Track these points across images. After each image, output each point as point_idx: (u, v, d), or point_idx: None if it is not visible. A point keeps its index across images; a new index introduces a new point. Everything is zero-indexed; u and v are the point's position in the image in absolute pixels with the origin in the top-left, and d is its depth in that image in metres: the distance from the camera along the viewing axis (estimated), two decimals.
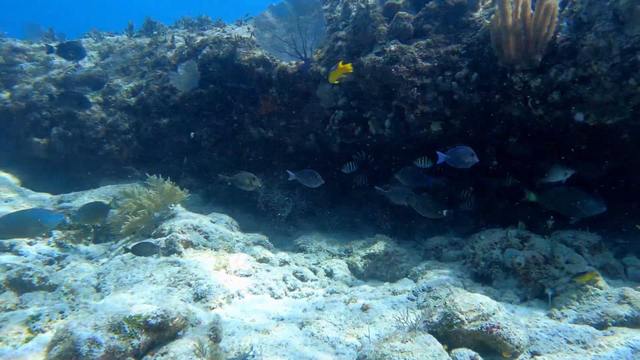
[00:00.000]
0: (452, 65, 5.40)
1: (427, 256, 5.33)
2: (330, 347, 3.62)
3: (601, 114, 4.96)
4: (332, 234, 6.44)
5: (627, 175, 6.41)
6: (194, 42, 6.61)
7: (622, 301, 4.00)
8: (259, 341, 3.50)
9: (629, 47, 4.30)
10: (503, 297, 4.50)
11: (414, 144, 5.94)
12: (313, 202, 6.99)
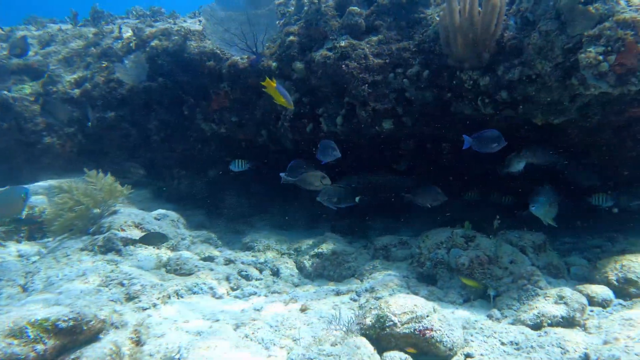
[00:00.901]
0: (404, 62, 5.33)
1: (376, 256, 5.27)
2: (264, 349, 3.52)
3: (548, 113, 4.95)
4: (285, 233, 6.35)
5: (579, 175, 6.47)
6: (143, 33, 6.43)
7: (559, 301, 4.00)
8: (189, 343, 3.38)
9: (571, 46, 4.29)
10: (446, 297, 4.46)
11: (368, 141, 5.88)
12: (268, 200, 6.89)
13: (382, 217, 6.59)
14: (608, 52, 4.13)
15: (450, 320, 3.52)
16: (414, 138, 5.91)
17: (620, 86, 4.29)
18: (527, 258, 4.74)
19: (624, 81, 4.26)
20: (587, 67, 4.16)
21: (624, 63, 4.16)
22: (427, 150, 6.11)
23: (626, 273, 4.48)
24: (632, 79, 4.25)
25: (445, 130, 5.82)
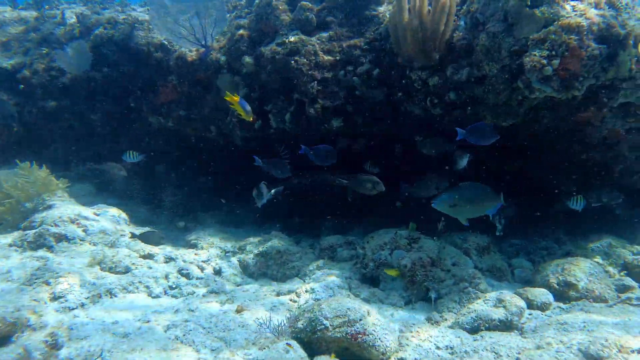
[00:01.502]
0: (355, 60, 5.25)
1: (322, 256, 5.18)
2: (194, 351, 3.40)
3: (496, 115, 4.94)
4: (234, 230, 6.22)
5: (530, 177, 6.51)
6: (88, 20, 6.17)
7: (499, 305, 3.98)
8: (113, 346, 3.24)
9: (517, 48, 4.27)
10: (388, 299, 4.41)
11: (318, 139, 5.77)
12: (219, 196, 6.74)
13: (335, 216, 6.50)
14: (552, 57, 4.13)
15: (384, 323, 3.46)
16: (365, 137, 5.84)
17: (565, 91, 4.30)
18: (470, 260, 4.73)
19: (568, 86, 4.27)
20: (532, 71, 4.15)
21: (568, 68, 4.17)
22: (379, 150, 6.06)
23: (566, 276, 4.50)
24: (576, 84, 4.27)
25: (396, 130, 5.78)
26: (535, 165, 6.13)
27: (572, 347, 3.29)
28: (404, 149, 6.03)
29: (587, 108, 4.95)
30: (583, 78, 4.25)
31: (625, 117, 5.03)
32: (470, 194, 4.13)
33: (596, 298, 4.43)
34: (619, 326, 3.61)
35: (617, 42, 4.16)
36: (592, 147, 5.62)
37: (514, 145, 5.77)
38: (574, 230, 6.71)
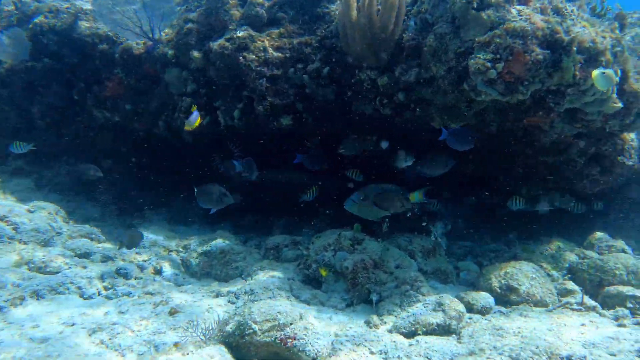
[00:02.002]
0: (305, 57, 5.19)
1: (267, 256, 5.11)
2: (119, 356, 3.28)
3: (445, 117, 4.94)
4: (182, 229, 6.10)
5: (484, 180, 6.56)
6: (27, 8, 5.95)
7: (438, 308, 3.97)
8: (27, 353, 3.09)
9: (462, 50, 4.27)
10: (329, 301, 4.36)
11: (268, 137, 5.70)
12: (171, 193, 6.60)
13: (287, 214, 6.43)
14: (497, 60, 4.13)
15: (317, 327, 3.40)
16: (317, 136, 5.78)
17: (510, 94, 4.31)
18: (415, 263, 4.72)
19: (512, 90, 4.29)
20: (476, 73, 4.14)
21: (512, 72, 4.18)
22: (331, 149, 6.01)
23: (509, 280, 4.53)
24: (521, 88, 4.28)
25: (348, 130, 5.74)
26: (488, 169, 6.18)
27: (503, 354, 3.29)
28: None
29: (536, 112, 4.99)
30: (528, 82, 4.27)
31: (573, 122, 5.09)
32: (378, 194, 4.21)
33: (537, 302, 4.47)
34: (553, 332, 3.63)
35: (561, 48, 4.19)
36: (543, 152, 5.68)
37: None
38: (526, 233, 6.82)
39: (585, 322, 3.92)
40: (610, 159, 6.18)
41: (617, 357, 3.24)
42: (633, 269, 4.99)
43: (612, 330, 3.67)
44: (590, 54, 4.37)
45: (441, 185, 6.35)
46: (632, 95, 4.94)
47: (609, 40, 4.51)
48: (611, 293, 4.54)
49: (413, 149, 5.82)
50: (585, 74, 4.41)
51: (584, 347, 3.37)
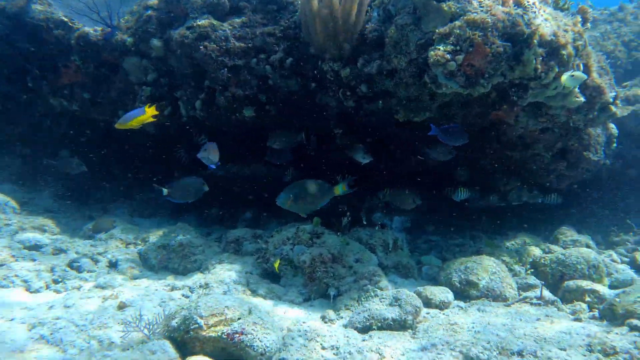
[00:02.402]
0: (268, 48, 5.11)
1: (227, 249, 5.04)
2: (60, 352, 3.20)
3: (409, 110, 4.91)
4: (143, 221, 5.99)
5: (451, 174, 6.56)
6: None
7: (394, 303, 3.94)
8: None
9: (423, 42, 4.23)
10: (286, 295, 4.31)
11: (232, 129, 5.62)
12: (135, 185, 6.49)
13: (254, 208, 6.36)
14: (457, 52, 4.10)
15: (268, 322, 3.35)
16: (281, 128, 5.71)
17: (471, 87, 4.29)
18: (375, 257, 4.69)
19: (473, 82, 4.26)
20: (436, 65, 4.11)
21: (473, 64, 4.15)
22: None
23: (469, 275, 4.52)
24: (481, 81, 4.26)
25: (313, 122, 5.68)
26: (457, 163, 6.17)
27: (455, 349, 3.28)
28: (322, 141, 5.94)
29: (501, 106, 4.98)
30: (489, 75, 4.25)
31: (537, 117, 5.10)
32: (305, 189, 4.24)
33: (497, 297, 4.47)
34: (506, 327, 3.62)
35: (522, 40, 4.17)
36: (510, 146, 5.69)
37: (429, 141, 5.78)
38: (496, 227, 6.84)
39: (541, 317, 3.93)
40: (577, 154, 6.22)
41: (568, 351, 3.25)
42: (594, 263, 5.02)
43: (566, 325, 3.68)
44: (552, 47, 4.37)
45: (407, 181, 6.37)
46: (595, 89, 4.96)
47: (571, 34, 4.51)
48: (571, 287, 4.56)
49: (379, 142, 5.84)
50: (547, 67, 4.41)
51: (536, 342, 3.37)
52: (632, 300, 3.78)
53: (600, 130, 6.42)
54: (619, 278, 5.34)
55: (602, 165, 6.54)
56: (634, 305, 3.73)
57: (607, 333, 3.48)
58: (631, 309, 3.72)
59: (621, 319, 3.75)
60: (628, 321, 3.61)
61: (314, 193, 4.21)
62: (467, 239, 6.21)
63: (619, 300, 3.89)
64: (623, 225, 6.88)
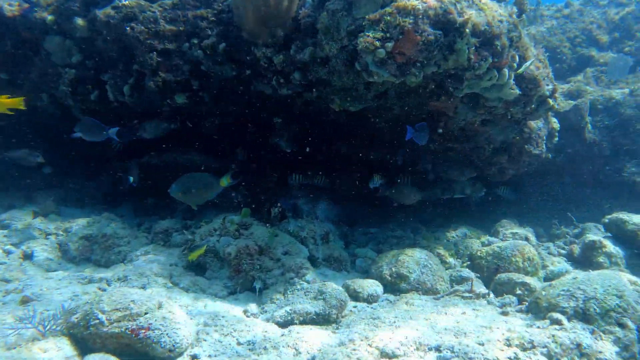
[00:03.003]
0: (201, 32, 4.93)
1: (155, 240, 4.87)
2: None
3: (344, 99, 4.82)
4: (69, 211, 5.73)
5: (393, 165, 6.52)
6: None
7: (319, 297, 3.87)
8: None
9: (353, 28, 4.13)
10: (210, 288, 4.19)
11: (164, 115, 5.43)
12: (66, 173, 6.21)
13: None
14: (386, 39, 4.01)
15: (180, 317, 3.22)
16: (217, 116, 5.55)
17: (402, 76, 4.21)
18: (305, 249, 4.59)
19: (404, 71, 4.19)
20: (365, 52, 4.01)
21: (403, 52, 4.08)
22: (233, 131, 5.80)
23: (399, 268, 4.47)
24: (413, 70, 4.19)
25: (249, 110, 5.54)
26: (397, 153, 6.13)
27: (372, 345, 3.20)
28: (261, 131, 5.81)
29: (439, 97, 4.94)
30: (421, 64, 4.19)
31: (476, 109, 5.08)
32: (194, 182, 4.25)
33: (427, 290, 4.44)
34: (428, 322, 3.57)
35: (454, 29, 4.11)
36: (451, 138, 5.67)
37: (370, 132, 5.71)
38: (441, 219, 6.85)
39: (467, 311, 3.90)
40: (518, 148, 6.26)
41: (486, 346, 3.21)
42: (529, 256, 5.06)
43: (489, 319, 3.66)
44: (486, 38, 4.32)
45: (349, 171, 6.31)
46: (531, 82, 4.96)
47: (506, 25, 4.47)
48: (502, 280, 4.56)
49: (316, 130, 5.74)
50: (481, 57, 4.38)
51: (456, 337, 3.33)
52: (556, 294, 3.78)
53: (542, 124, 6.47)
54: (553, 270, 5.40)
55: (545, 158, 6.61)
56: (557, 298, 3.73)
57: (528, 327, 3.48)
58: (554, 302, 3.72)
59: (544, 312, 3.75)
60: (549, 314, 3.60)
61: (202, 186, 4.16)
62: (408, 231, 6.19)
63: (544, 294, 3.89)
64: (565, 218, 6.98)
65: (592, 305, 3.56)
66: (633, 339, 3.38)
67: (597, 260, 5.44)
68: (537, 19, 7.94)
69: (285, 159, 5.85)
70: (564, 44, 7.68)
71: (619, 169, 6.89)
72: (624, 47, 7.64)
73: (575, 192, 7.08)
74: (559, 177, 7.06)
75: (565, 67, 7.66)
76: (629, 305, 3.53)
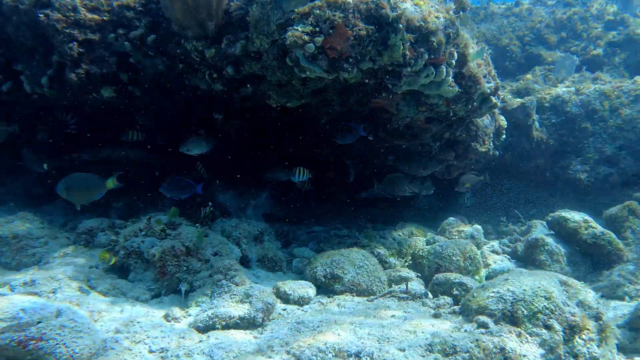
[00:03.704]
0: (128, 22, 4.67)
1: (78, 241, 4.60)
2: None
3: (281, 95, 4.64)
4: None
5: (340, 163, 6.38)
6: None
7: (245, 300, 3.69)
8: None
9: (283, 22, 3.95)
10: (131, 292, 3.96)
11: (91, 110, 5.15)
12: None
13: (127, 195, 5.91)
14: (316, 33, 3.85)
15: (84, 325, 2.99)
16: (151, 112, 5.31)
17: (334, 72, 4.06)
18: (237, 250, 4.40)
19: (336, 66, 4.04)
20: (294, 47, 3.85)
21: (334, 47, 3.92)
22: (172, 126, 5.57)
23: (334, 268, 4.32)
24: (345, 65, 4.04)
25: (188, 106, 5.32)
26: (343, 151, 5.98)
27: (289, 352, 3.04)
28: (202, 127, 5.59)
29: (379, 94, 4.81)
30: (354, 60, 4.05)
31: (418, 106, 4.96)
32: (80, 181, 4.14)
33: (362, 291, 4.30)
34: (352, 327, 3.41)
35: (387, 24, 3.98)
36: (397, 135, 5.55)
37: (313, 129, 5.56)
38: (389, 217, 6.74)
39: (397, 313, 3.78)
40: (465, 145, 6.19)
41: (407, 352, 3.08)
42: (470, 255, 4.97)
43: (416, 323, 3.53)
44: (422, 33, 4.20)
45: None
46: (470, 79, 4.87)
47: (443, 21, 4.35)
48: (439, 280, 4.46)
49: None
50: (417, 53, 4.25)
51: (378, 342, 3.19)
52: (486, 296, 3.67)
53: (489, 122, 6.42)
54: (495, 269, 5.34)
55: (492, 156, 6.56)
56: (486, 300, 3.62)
57: (454, 331, 3.37)
58: (483, 304, 3.60)
59: (474, 314, 3.65)
60: (477, 317, 3.49)
61: (87, 186, 3.98)
62: (354, 230, 6.06)
63: (475, 295, 3.79)
64: (512, 216, 6.96)
65: (520, 308, 3.46)
66: (559, 341, 3.30)
67: (539, 258, 5.40)
68: (488, 17, 7.89)
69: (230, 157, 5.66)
70: (513, 42, 7.65)
71: (565, 166, 6.89)
72: (570, 46, 7.65)
73: (523, 189, 7.07)
74: (506, 175, 7.03)
75: (515, 66, 7.63)
76: (556, 307, 3.44)
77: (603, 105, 6.77)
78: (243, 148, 5.72)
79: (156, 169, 5.83)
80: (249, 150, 5.79)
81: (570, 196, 6.77)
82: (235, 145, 5.61)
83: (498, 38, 7.63)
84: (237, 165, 5.60)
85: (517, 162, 6.99)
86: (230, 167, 5.55)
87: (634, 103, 6.68)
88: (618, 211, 5.84)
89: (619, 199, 6.22)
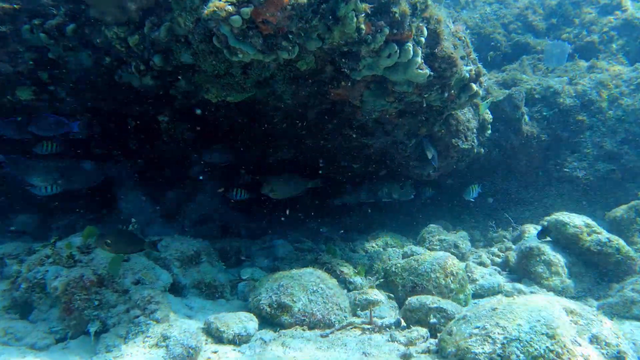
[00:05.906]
0: (44, 11, 3.65)
1: None
2: None
3: (221, 88, 3.61)
4: None
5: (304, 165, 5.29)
6: None
7: (161, 344, 2.67)
8: None
9: None
10: (29, 336, 2.91)
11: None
12: None
13: (73, 210, 4.90)
14: (243, 3, 2.81)
15: None
16: (81, 114, 4.28)
17: (271, 52, 3.03)
18: (166, 275, 3.33)
19: (273, 45, 3.01)
20: (215, 20, 2.81)
21: (268, 19, 2.88)
22: (111, 131, 4.55)
23: (281, 296, 3.24)
24: (284, 43, 3.01)
25: (124, 107, 4.29)
26: (304, 151, 4.91)
27: None
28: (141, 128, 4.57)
29: (339, 84, 3.75)
30: (293, 36, 3.00)
31: (384, 96, 3.90)
32: None
33: (317, 323, 3.22)
34: None
35: None
36: (366, 133, 4.49)
37: (269, 128, 4.50)
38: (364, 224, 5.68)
39: (353, 356, 2.69)
40: (445, 142, 5.08)
41: None
42: (452, 269, 3.87)
43: None
44: (380, 3, 3.15)
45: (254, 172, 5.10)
46: (445, 60, 3.76)
47: None
48: (413, 305, 3.35)
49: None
50: (375, 28, 3.19)
51: None
52: (468, 333, 2.59)
53: (472, 116, 5.31)
54: (483, 285, 4.24)
55: (477, 153, 5.44)
56: (468, 340, 2.55)
57: None
58: (464, 346, 2.54)
59: (452, 359, 2.56)
60: None
61: None
62: (321, 243, 4.95)
63: (454, 332, 2.71)
64: (502, 220, 5.82)
65: (514, 351, 2.38)
66: None
67: (535, 270, 4.28)
68: (470, 3, 6.79)
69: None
70: (497, 30, 6.54)
71: (559, 163, 5.77)
72: (561, 33, 6.53)
73: (513, 190, 5.92)
74: (494, 174, 5.88)
75: (500, 55, 6.51)
76: (563, 349, 2.35)
77: (600, 96, 5.64)
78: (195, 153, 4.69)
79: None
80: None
81: (567, 196, 5.63)
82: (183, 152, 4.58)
83: (481, 26, 6.52)
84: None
85: (505, 159, 5.85)
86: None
87: (636, 92, 5.55)
88: (624, 213, 4.71)
89: (623, 199, 5.08)
